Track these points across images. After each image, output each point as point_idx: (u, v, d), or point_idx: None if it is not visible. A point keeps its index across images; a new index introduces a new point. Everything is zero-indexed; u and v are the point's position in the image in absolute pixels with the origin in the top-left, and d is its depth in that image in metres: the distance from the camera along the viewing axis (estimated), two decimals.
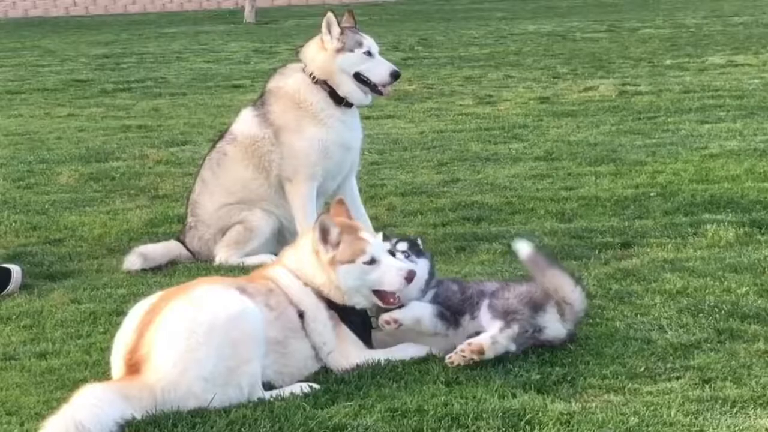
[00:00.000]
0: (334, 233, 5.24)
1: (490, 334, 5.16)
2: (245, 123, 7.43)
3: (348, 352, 5.21)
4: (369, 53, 7.26)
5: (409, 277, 5.24)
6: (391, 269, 5.24)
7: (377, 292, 5.28)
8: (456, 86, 15.17)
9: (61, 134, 12.35)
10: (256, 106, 7.47)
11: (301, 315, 5.18)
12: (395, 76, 7.29)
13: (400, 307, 5.30)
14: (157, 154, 10.80)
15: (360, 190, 7.69)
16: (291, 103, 7.29)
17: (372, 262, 5.25)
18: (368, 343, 5.31)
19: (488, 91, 14.58)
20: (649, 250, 7.02)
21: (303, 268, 5.27)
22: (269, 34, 24.89)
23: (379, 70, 7.26)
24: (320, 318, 5.22)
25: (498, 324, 5.19)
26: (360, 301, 5.28)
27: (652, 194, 8.43)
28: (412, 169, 9.87)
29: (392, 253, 5.39)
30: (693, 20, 24.29)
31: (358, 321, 5.31)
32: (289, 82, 7.33)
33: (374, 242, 5.33)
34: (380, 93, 7.35)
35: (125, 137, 12.02)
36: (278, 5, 36.17)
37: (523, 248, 5.49)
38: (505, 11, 30.02)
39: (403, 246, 5.48)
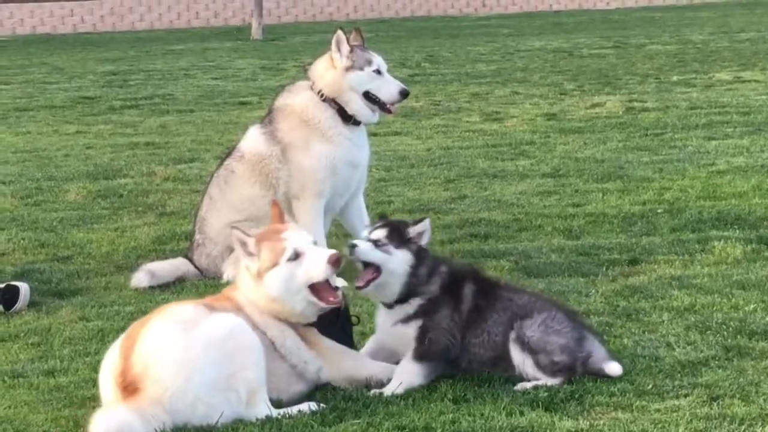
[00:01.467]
0: (250, 243, 5.11)
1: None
2: (253, 140, 7.44)
3: (338, 363, 5.17)
4: (378, 71, 7.27)
5: (333, 260, 5.00)
6: (314, 257, 5.02)
7: (315, 292, 5.07)
8: (463, 103, 15.19)
9: (69, 151, 12.37)
10: (263, 123, 7.49)
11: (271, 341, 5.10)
12: (404, 94, 7.31)
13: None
14: (165, 171, 10.82)
15: (367, 207, 7.70)
16: (299, 120, 7.30)
17: (296, 256, 5.06)
18: (352, 346, 5.29)
19: (495, 107, 14.59)
20: (656, 266, 7.02)
21: (249, 294, 5.15)
22: (276, 51, 24.93)
23: (388, 88, 7.27)
24: (289, 340, 5.11)
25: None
26: (302, 307, 5.08)
27: (659, 211, 8.43)
28: (420, 185, 9.88)
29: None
30: (700, 36, 24.30)
31: (334, 329, 5.21)
32: (297, 100, 7.34)
33: (295, 237, 5.10)
34: (389, 111, 7.36)
35: (133, 154, 12.05)
36: (285, 22, 36.25)
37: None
38: (512, 28, 30.05)
39: (379, 234, 5.14)
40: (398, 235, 5.17)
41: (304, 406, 4.93)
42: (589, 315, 6.09)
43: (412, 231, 5.20)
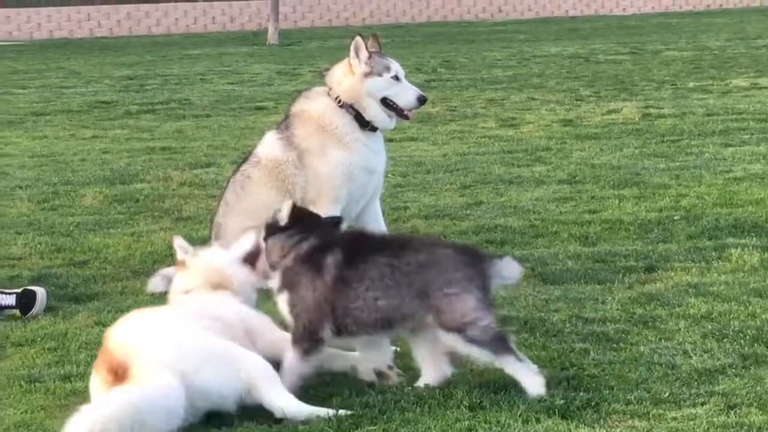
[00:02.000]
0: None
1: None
2: (269, 146, 7.44)
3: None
4: (396, 77, 7.27)
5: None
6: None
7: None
8: (479, 108, 15.19)
9: (85, 156, 12.40)
10: (280, 129, 7.48)
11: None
12: (422, 101, 7.31)
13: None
14: (181, 176, 10.84)
15: (383, 213, 7.69)
16: (315, 126, 7.29)
17: None
18: None
19: (511, 113, 14.58)
20: (673, 274, 7.01)
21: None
22: (292, 56, 24.97)
23: (406, 94, 7.27)
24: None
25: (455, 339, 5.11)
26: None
27: (675, 218, 8.41)
28: (436, 191, 9.87)
29: None
30: (716, 43, 24.27)
31: None
32: (314, 106, 7.34)
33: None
34: (406, 117, 7.36)
35: (149, 159, 12.07)
36: (301, 27, 36.30)
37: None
38: (528, 33, 30.05)
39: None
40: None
41: (322, 411, 4.94)
42: (606, 322, 6.08)
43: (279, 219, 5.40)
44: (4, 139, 13.93)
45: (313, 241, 5.30)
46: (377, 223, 7.39)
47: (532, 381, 5.05)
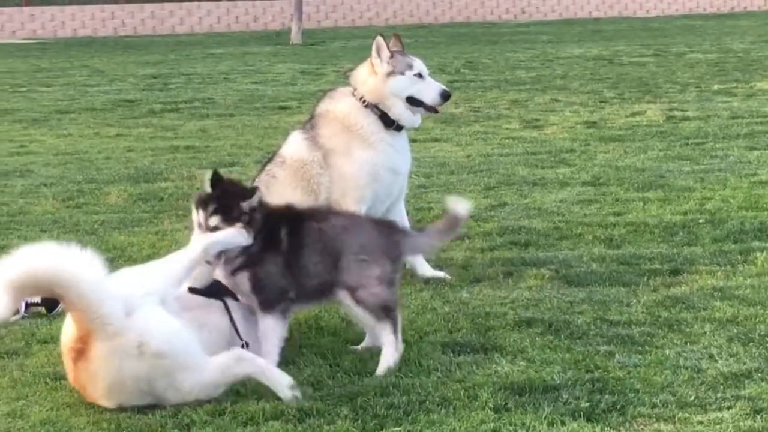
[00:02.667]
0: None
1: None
2: (294, 146, 7.44)
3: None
4: (420, 75, 7.28)
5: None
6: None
7: None
8: (502, 110, 15.17)
9: (109, 154, 12.44)
10: (305, 129, 7.49)
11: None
12: (445, 96, 7.30)
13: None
14: (205, 175, 10.83)
15: (407, 214, 7.69)
16: (341, 126, 7.30)
17: None
18: None
19: (535, 114, 14.57)
20: (698, 277, 6.98)
21: None
22: (316, 56, 25.00)
23: (429, 91, 7.27)
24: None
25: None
26: None
27: (700, 221, 8.38)
28: (459, 192, 9.85)
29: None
30: (741, 45, 24.19)
31: None
32: (339, 106, 7.34)
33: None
34: (435, 111, 7.36)
35: (173, 158, 12.10)
36: (325, 27, 36.34)
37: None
38: (551, 35, 30.01)
39: (215, 221, 5.55)
40: (230, 214, 5.53)
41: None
42: (631, 325, 6.07)
43: (245, 207, 5.54)
44: (29, 136, 13.99)
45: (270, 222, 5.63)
46: (402, 224, 7.38)
47: (390, 353, 5.48)
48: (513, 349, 5.73)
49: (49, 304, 6.73)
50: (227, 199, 5.57)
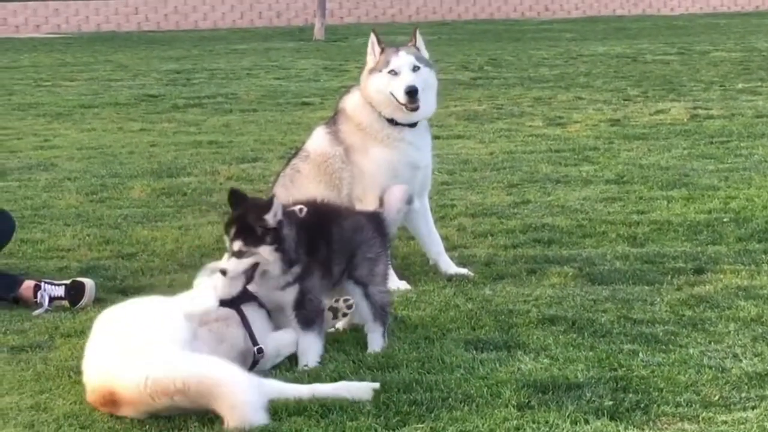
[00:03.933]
0: None
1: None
2: (318, 140, 7.44)
3: None
4: (394, 72, 7.14)
5: None
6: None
7: None
8: (526, 107, 15.14)
9: (133, 149, 12.46)
10: (328, 124, 7.49)
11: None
12: (408, 92, 7.01)
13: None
14: (228, 171, 10.87)
15: (431, 211, 7.67)
16: (354, 124, 7.27)
17: None
18: None
19: (558, 112, 14.53)
20: (722, 276, 6.96)
21: None
22: (338, 52, 25.00)
23: (399, 89, 7.04)
24: None
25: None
26: None
27: (725, 220, 8.35)
28: (482, 190, 9.85)
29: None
30: (765, 44, 24.09)
31: None
32: (348, 104, 7.31)
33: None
34: (408, 108, 7.05)
35: (196, 153, 12.11)
36: (348, 23, 36.33)
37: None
38: (575, 32, 29.94)
39: (238, 245, 5.46)
40: (254, 234, 5.44)
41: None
42: (655, 323, 6.05)
43: (270, 220, 5.45)
44: (53, 131, 14.03)
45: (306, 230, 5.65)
46: (426, 220, 7.37)
47: (376, 345, 5.67)
48: (536, 346, 5.72)
49: (72, 299, 6.75)
50: (248, 219, 5.47)
